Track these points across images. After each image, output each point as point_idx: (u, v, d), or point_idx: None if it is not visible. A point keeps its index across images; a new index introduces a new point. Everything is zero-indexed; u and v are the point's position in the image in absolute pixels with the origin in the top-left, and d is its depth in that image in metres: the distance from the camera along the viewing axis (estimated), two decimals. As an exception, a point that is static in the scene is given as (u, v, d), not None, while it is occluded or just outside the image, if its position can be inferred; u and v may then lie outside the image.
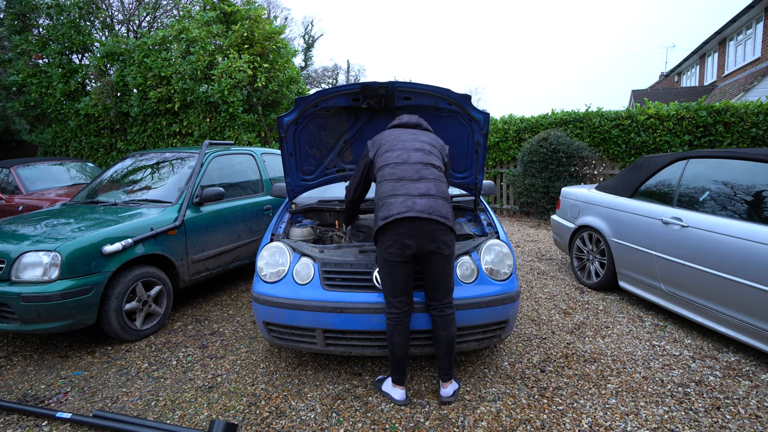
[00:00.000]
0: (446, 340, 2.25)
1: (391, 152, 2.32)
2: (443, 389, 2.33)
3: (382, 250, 2.19)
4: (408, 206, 2.10)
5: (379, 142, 2.43)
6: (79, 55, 10.55)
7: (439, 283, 2.22)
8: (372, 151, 2.43)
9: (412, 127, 2.53)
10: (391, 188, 2.20)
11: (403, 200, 2.12)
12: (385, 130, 2.55)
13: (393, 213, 2.10)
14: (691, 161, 3.37)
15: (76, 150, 10.32)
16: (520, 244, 6.14)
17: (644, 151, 7.36)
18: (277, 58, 8.86)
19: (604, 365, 2.74)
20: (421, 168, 2.26)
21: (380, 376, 2.53)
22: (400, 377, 2.33)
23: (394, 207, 2.12)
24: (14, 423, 2.23)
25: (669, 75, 22.69)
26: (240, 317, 3.62)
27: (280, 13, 28.20)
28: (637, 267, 3.55)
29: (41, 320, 2.75)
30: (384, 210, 2.15)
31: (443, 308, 2.25)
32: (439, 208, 2.14)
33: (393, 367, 2.31)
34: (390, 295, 2.22)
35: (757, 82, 11.62)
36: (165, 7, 13.13)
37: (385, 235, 2.15)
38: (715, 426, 2.14)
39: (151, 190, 3.91)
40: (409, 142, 2.35)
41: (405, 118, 2.57)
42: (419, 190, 2.16)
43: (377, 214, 2.20)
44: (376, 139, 2.47)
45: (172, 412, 2.31)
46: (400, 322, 2.22)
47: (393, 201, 2.14)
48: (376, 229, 2.17)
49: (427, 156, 2.32)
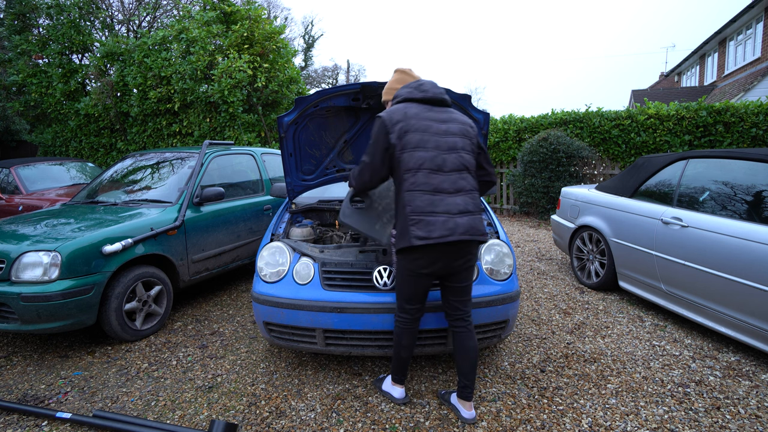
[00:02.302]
0: (473, 351, 2.13)
1: (424, 151, 1.99)
2: (467, 410, 2.17)
3: (408, 262, 2.02)
4: (450, 228, 1.92)
5: (404, 126, 2.01)
6: (79, 55, 10.55)
7: (464, 292, 2.13)
8: (394, 135, 2.01)
9: (437, 104, 2.13)
10: (429, 203, 1.95)
11: (444, 221, 1.93)
12: (404, 104, 2.10)
13: (434, 236, 1.91)
14: (691, 161, 3.37)
15: (76, 150, 10.32)
16: (520, 244, 6.14)
17: (644, 151, 7.36)
18: (277, 58, 8.86)
19: (604, 365, 2.74)
20: (458, 178, 2.02)
21: (380, 376, 2.53)
22: (402, 377, 2.31)
23: (435, 228, 1.92)
24: (14, 423, 2.23)
25: (669, 75, 22.69)
26: (240, 317, 3.62)
27: (280, 13, 28.22)
28: (637, 267, 3.55)
29: (41, 320, 2.75)
30: (422, 228, 1.92)
31: (467, 317, 2.16)
32: (478, 225, 2.01)
33: (396, 368, 2.28)
34: (405, 302, 2.13)
35: (757, 82, 11.62)
36: (165, 7, 13.14)
37: (417, 252, 1.97)
38: (715, 426, 2.14)
39: (151, 190, 3.91)
40: (442, 138, 2.03)
41: (429, 87, 2.13)
42: (458, 207, 1.97)
43: (408, 227, 1.95)
44: (398, 121, 2.02)
45: (172, 412, 2.31)
46: (410, 326, 2.16)
47: (433, 220, 1.93)
48: (406, 244, 1.96)
49: (461, 158, 2.06)
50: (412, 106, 2.08)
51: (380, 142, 2.04)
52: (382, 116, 2.05)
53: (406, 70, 2.33)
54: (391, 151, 2.03)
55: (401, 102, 2.12)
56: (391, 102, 2.22)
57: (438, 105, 2.13)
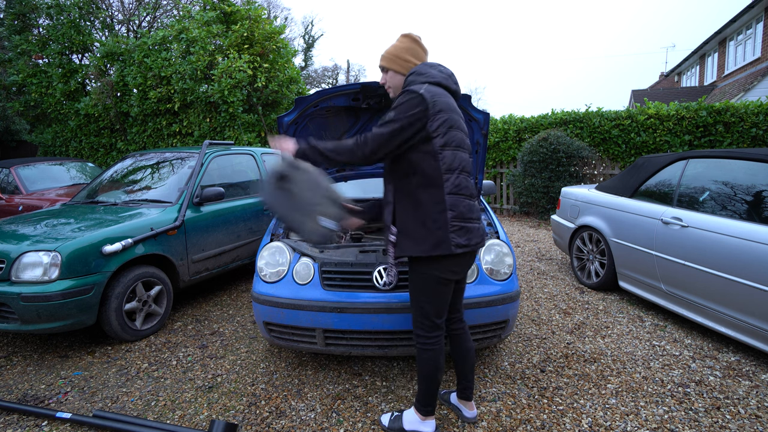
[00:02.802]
0: (472, 352, 2.12)
1: (464, 152, 1.88)
2: (470, 410, 2.18)
3: (440, 271, 1.85)
4: (481, 235, 1.92)
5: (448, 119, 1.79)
6: (79, 55, 10.55)
7: (462, 293, 2.13)
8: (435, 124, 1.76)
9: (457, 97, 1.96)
10: (469, 209, 1.86)
11: (479, 227, 1.91)
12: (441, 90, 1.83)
13: (473, 242, 1.85)
14: (691, 161, 3.37)
15: (76, 150, 10.32)
16: (520, 244, 6.14)
17: (644, 151, 7.36)
18: (277, 58, 8.86)
19: (604, 365, 2.74)
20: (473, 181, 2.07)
21: (392, 414, 2.17)
22: (434, 406, 2.03)
23: (474, 235, 1.86)
24: (14, 423, 2.23)
25: (669, 75, 22.69)
26: (240, 317, 3.62)
27: (280, 13, 28.22)
28: (637, 267, 3.55)
29: (41, 320, 2.75)
30: (462, 235, 1.81)
31: (463, 318, 2.15)
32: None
33: (427, 397, 1.99)
34: (436, 317, 1.91)
35: (757, 82, 11.62)
36: (165, 7, 13.14)
37: (453, 260, 1.85)
38: (715, 426, 2.14)
39: (151, 190, 3.91)
40: (467, 140, 1.93)
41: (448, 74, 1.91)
42: (478, 213, 1.95)
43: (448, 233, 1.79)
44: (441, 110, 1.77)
45: (172, 412, 2.31)
46: (442, 344, 1.95)
47: (471, 226, 1.86)
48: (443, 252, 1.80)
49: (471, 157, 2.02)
50: (448, 95, 1.85)
51: (414, 123, 1.74)
52: (424, 95, 1.74)
53: (416, 38, 1.96)
54: (422, 138, 1.77)
55: (434, 85, 1.82)
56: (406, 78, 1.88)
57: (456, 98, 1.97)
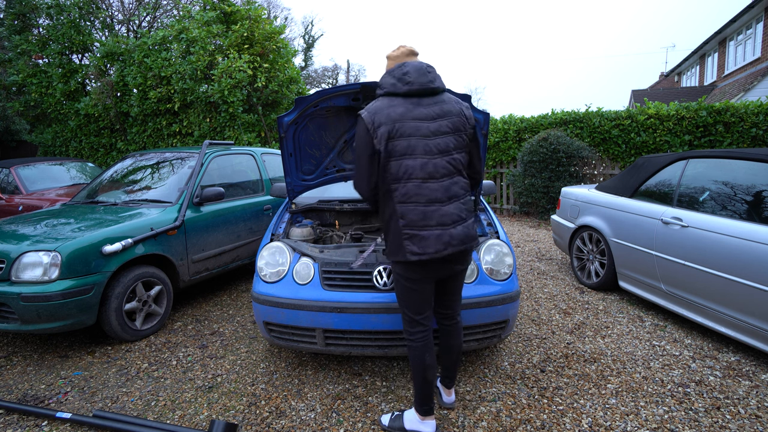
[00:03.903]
0: (457, 348, 2.16)
1: (411, 159, 1.83)
2: (447, 396, 2.28)
3: (405, 271, 1.91)
4: (445, 242, 1.83)
5: (388, 131, 1.83)
6: (79, 55, 10.55)
7: (455, 293, 2.12)
8: (377, 141, 1.83)
9: (426, 95, 1.91)
10: (422, 216, 1.83)
11: (439, 234, 1.83)
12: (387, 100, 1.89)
13: (429, 251, 1.82)
14: (691, 161, 3.37)
15: (76, 150, 10.32)
16: (520, 244, 6.14)
17: (644, 151, 7.36)
18: (277, 58, 8.86)
19: (604, 365, 2.74)
20: (450, 184, 1.89)
21: (392, 414, 2.18)
22: (431, 406, 2.03)
23: (430, 243, 1.82)
24: (14, 423, 2.23)
25: (669, 75, 22.69)
26: (240, 317, 3.62)
27: (280, 13, 28.22)
28: (637, 267, 3.55)
29: (41, 320, 2.75)
30: (416, 243, 1.83)
31: (455, 316, 2.16)
32: (472, 232, 1.93)
33: (422, 396, 2.00)
34: (414, 314, 1.96)
35: (757, 82, 11.62)
36: (165, 7, 13.13)
37: (413, 265, 1.87)
38: (715, 426, 2.14)
39: (151, 190, 3.91)
40: (432, 141, 1.86)
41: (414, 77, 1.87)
42: (452, 217, 1.86)
43: (402, 241, 1.85)
44: (381, 123, 1.83)
45: (172, 412, 2.31)
46: (428, 340, 1.98)
47: (427, 234, 1.83)
48: (401, 259, 1.87)
49: (453, 160, 1.90)
50: (396, 102, 1.87)
51: (365, 147, 1.86)
52: (363, 115, 1.87)
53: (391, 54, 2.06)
54: (376, 157, 1.87)
55: (385, 96, 1.91)
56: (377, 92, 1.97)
57: (427, 96, 1.91)
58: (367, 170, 1.90)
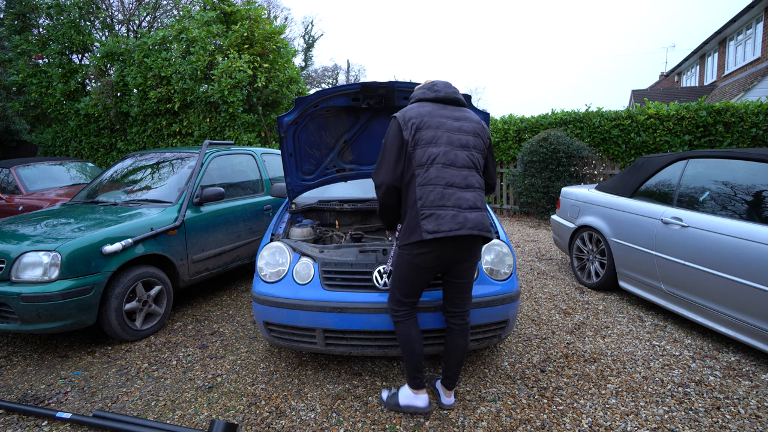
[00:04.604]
0: (463, 349, 2.19)
1: (436, 147, 2.03)
2: (447, 397, 2.29)
3: (413, 255, 2.04)
4: (460, 222, 1.96)
5: (417, 123, 2.05)
6: (79, 55, 10.55)
7: (464, 290, 2.16)
8: (407, 132, 2.04)
9: (451, 103, 2.18)
10: (440, 196, 1.99)
11: (454, 215, 1.97)
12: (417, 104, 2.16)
13: (444, 228, 1.94)
14: (691, 161, 3.37)
15: (76, 150, 10.32)
16: (520, 244, 6.14)
17: (644, 151, 7.36)
18: (277, 58, 8.86)
19: (604, 365, 2.74)
20: (468, 174, 2.07)
21: (390, 392, 2.33)
22: (422, 378, 2.18)
23: (445, 222, 1.95)
24: (14, 423, 2.23)
25: (669, 75, 22.69)
26: (240, 317, 3.62)
27: (280, 13, 28.23)
28: (637, 267, 3.55)
29: (41, 320, 2.75)
30: (432, 221, 1.96)
31: (464, 315, 2.19)
32: (485, 222, 2.05)
33: (412, 368, 2.16)
34: (402, 296, 2.13)
35: (757, 82, 11.62)
36: (165, 7, 13.14)
37: (426, 246, 1.99)
38: (715, 426, 2.14)
39: (151, 190, 3.91)
40: (455, 135, 2.07)
41: (441, 87, 2.17)
42: (468, 202, 2.02)
43: (419, 220, 1.98)
44: (411, 117, 2.07)
45: (172, 412, 2.31)
46: (412, 318, 2.16)
47: (443, 213, 1.97)
48: (417, 239, 1.98)
49: (472, 156, 2.10)
50: (425, 105, 2.13)
51: (395, 139, 2.07)
52: (397, 115, 2.12)
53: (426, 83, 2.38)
54: (405, 147, 2.06)
55: (415, 102, 2.19)
56: None
57: (451, 104, 2.18)
58: (395, 159, 2.07)
